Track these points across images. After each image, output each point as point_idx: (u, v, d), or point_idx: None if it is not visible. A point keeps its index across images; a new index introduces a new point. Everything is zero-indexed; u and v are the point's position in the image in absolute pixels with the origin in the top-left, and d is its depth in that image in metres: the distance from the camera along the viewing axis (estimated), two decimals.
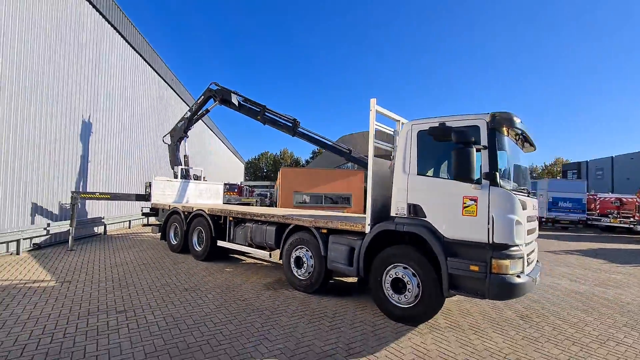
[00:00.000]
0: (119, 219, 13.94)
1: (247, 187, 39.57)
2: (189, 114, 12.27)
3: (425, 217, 4.77)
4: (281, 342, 4.15)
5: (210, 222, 8.37)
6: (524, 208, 4.40)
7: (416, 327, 4.78)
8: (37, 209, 9.65)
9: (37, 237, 9.45)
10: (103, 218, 12.73)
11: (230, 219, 8.01)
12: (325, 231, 5.98)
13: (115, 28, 13.65)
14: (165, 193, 11.17)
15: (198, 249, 8.83)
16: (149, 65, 17.10)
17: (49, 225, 9.62)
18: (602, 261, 11.09)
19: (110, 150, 13.72)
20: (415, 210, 4.88)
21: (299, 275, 6.32)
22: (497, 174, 4.27)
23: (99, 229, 12.96)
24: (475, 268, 4.22)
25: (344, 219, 5.96)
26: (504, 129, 4.47)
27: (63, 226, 10.06)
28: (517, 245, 4.26)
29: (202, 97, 12.01)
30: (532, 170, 74.51)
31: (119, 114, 14.34)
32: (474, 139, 4.42)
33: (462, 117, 4.66)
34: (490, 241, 4.19)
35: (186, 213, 9.29)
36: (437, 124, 4.73)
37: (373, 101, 5.35)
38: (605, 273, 9.24)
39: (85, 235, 12.02)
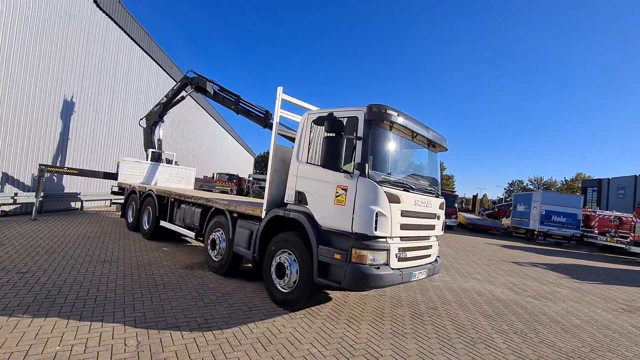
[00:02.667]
0: (98, 196, 14.51)
1: (254, 179, 40.14)
2: (165, 99, 12.64)
3: (307, 204, 4.83)
4: (144, 310, 4.32)
5: (156, 202, 8.65)
6: (397, 201, 4.39)
7: (293, 312, 4.85)
8: (7, 179, 10.23)
9: (4, 204, 10.01)
10: (79, 194, 13.31)
11: (172, 199, 8.25)
12: (236, 215, 6.11)
13: (107, 14, 14.20)
14: (133, 173, 11.57)
15: (145, 227, 9.14)
16: (144, 50, 17.66)
17: (16, 194, 10.17)
18: (563, 276, 10.72)
19: (96, 129, 14.31)
20: (300, 198, 4.94)
21: (214, 256, 6.48)
22: (367, 165, 4.27)
23: (77, 205, 13.56)
24: (338, 256, 4.25)
25: (249, 204, 6.07)
26: (382, 121, 4.46)
27: (32, 197, 10.61)
28: (381, 238, 4.26)
29: (179, 83, 12.35)
30: (550, 184, 71.77)
31: (109, 96, 14.92)
32: (351, 129, 4.45)
33: (348, 109, 4.68)
34: (352, 231, 4.21)
35: (141, 192, 9.63)
36: (325, 114, 4.77)
37: (279, 89, 5.43)
38: (553, 286, 8.95)
39: (60, 209, 12.62)
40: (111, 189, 12.09)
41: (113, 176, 11.86)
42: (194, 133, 27.96)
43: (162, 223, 8.44)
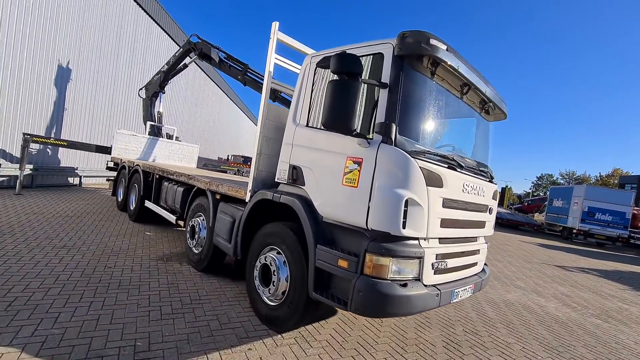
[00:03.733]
0: (99, 172, 13.61)
1: None
2: (166, 67, 11.38)
3: (304, 184, 3.38)
4: (69, 325, 3.07)
5: (141, 178, 7.46)
6: (438, 184, 2.88)
7: (280, 334, 3.49)
8: None
9: None
10: (77, 169, 12.42)
11: (157, 176, 7.02)
12: (219, 197, 4.77)
13: None
14: (128, 148, 10.47)
15: (132, 207, 8.01)
16: (150, 17, 16.43)
17: None
18: (623, 287, 8.88)
19: (97, 100, 13.31)
20: (295, 175, 3.49)
21: (193, 248, 5.19)
22: (395, 126, 2.76)
23: (75, 180, 12.72)
24: (345, 263, 2.81)
25: (234, 184, 4.70)
26: (421, 60, 2.91)
27: (18, 169, 9.70)
28: (411, 239, 2.78)
29: (181, 49, 11.05)
30: (583, 179, 66.98)
31: (112, 65, 13.85)
32: (372, 73, 2.94)
33: (368, 43, 3.14)
34: (368, 226, 2.75)
35: (129, 168, 8.48)
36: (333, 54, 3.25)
37: (274, 25, 3.93)
38: (617, 301, 7.20)
39: (55, 184, 11.77)
40: (106, 165, 11.07)
41: (107, 150, 10.81)
42: (209, 113, 26.92)
43: (147, 203, 7.26)
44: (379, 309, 2.63)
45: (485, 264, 4.08)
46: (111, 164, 10.69)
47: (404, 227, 2.65)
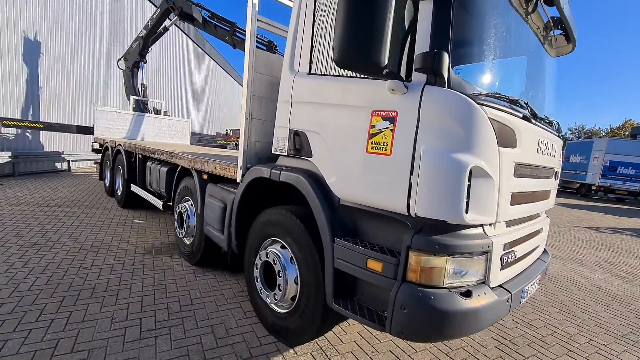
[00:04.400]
0: (88, 155, 12.71)
1: None
2: (144, 32, 10.13)
3: (311, 155, 2.47)
4: (10, 356, 2.32)
5: (124, 159, 6.58)
6: (511, 144, 1.96)
7: (291, 349, 2.73)
8: None
9: None
10: (63, 153, 11.54)
11: (140, 156, 6.13)
12: (206, 177, 3.89)
13: None
14: (112, 126, 9.51)
15: (118, 192, 7.20)
16: None
17: None
18: None
19: (76, 76, 12.17)
20: (299, 144, 2.57)
21: (184, 238, 4.40)
22: (447, 56, 1.79)
23: (63, 165, 11.89)
24: (377, 266, 1.97)
25: (222, 159, 3.81)
26: None
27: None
28: (474, 226, 1.90)
29: (159, 10, 9.77)
30: (593, 132, 64.86)
31: (89, 38, 12.55)
32: None
33: None
34: (411, 212, 1.87)
35: (112, 149, 7.58)
36: None
37: None
38: None
39: (41, 171, 10.97)
40: (92, 146, 10.16)
41: (89, 130, 9.88)
42: (204, 87, 25.50)
43: (132, 187, 6.42)
44: (434, 331, 1.81)
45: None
46: (96, 146, 9.79)
47: (467, 212, 1.77)
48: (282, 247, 2.73)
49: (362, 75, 2.12)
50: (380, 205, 2.03)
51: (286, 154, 2.69)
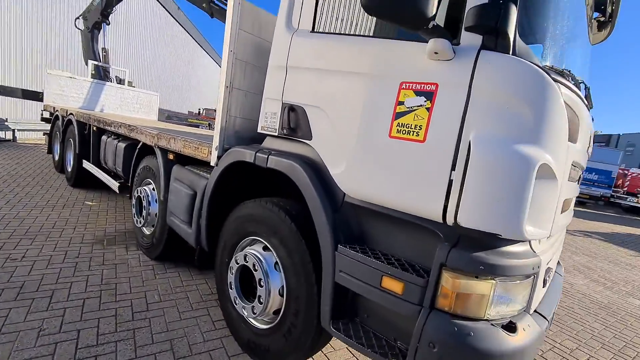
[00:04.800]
0: (37, 124, 11.32)
1: None
2: None
3: (309, 137, 1.94)
4: None
5: (76, 132, 5.69)
6: (575, 137, 1.54)
7: None
8: None
9: None
10: (6, 121, 10.17)
11: (94, 128, 5.28)
12: (172, 157, 3.25)
13: None
14: (66, 94, 8.38)
15: (69, 169, 6.30)
16: None
17: None
18: (633, 253, 8.36)
19: (25, 36, 10.69)
20: (294, 121, 2.03)
21: (143, 228, 3.74)
22: (515, 11, 1.32)
23: (7, 135, 10.50)
24: (397, 286, 1.50)
25: (192, 137, 3.20)
26: None
27: None
28: (525, 244, 1.48)
29: None
30: None
31: None
32: None
33: None
34: (449, 219, 1.40)
35: (63, 118, 6.59)
36: None
37: None
38: (639, 272, 6.55)
39: None
40: (41, 115, 8.95)
41: (37, 96, 8.68)
42: (178, 62, 23.83)
43: (85, 164, 5.57)
44: None
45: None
46: (47, 114, 8.62)
47: (529, 224, 1.33)
48: (265, 248, 2.21)
49: (386, 35, 1.61)
50: (403, 207, 1.55)
51: (276, 134, 2.14)
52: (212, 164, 2.52)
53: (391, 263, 1.56)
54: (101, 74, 9.44)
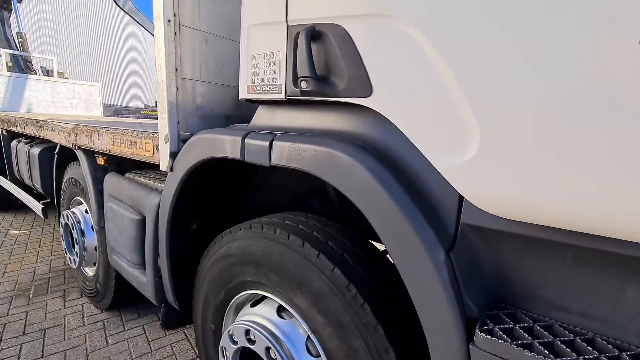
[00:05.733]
0: None
1: None
2: None
3: (367, 90, 0.88)
4: None
5: None
6: None
7: None
8: None
9: None
10: None
11: (3, 132, 3.89)
12: (103, 161, 2.08)
13: None
14: None
15: None
16: None
17: None
18: None
19: None
20: (322, 61, 0.96)
21: (82, 268, 2.58)
22: None
23: None
24: None
25: (131, 127, 2.07)
26: None
27: None
28: None
29: None
30: None
31: None
32: None
33: None
34: None
35: None
36: None
37: None
38: None
39: None
40: None
41: None
42: (121, 47, 21.16)
43: (1, 181, 4.19)
44: None
45: None
46: None
47: None
48: (280, 312, 1.19)
49: None
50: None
51: (283, 97, 1.07)
52: (164, 167, 1.42)
53: None
54: (21, 65, 7.65)
